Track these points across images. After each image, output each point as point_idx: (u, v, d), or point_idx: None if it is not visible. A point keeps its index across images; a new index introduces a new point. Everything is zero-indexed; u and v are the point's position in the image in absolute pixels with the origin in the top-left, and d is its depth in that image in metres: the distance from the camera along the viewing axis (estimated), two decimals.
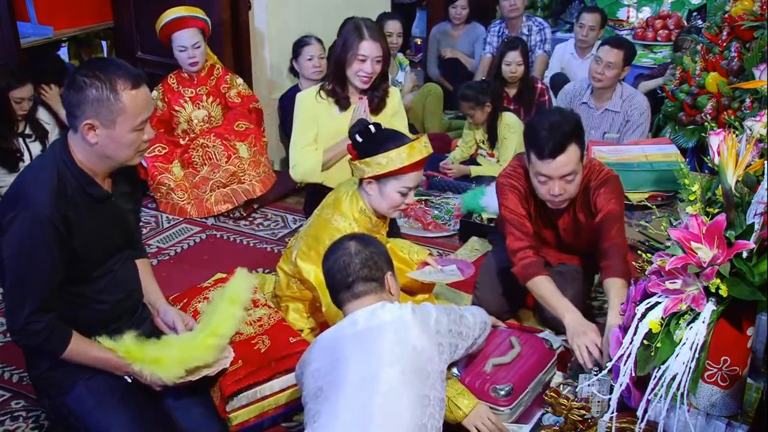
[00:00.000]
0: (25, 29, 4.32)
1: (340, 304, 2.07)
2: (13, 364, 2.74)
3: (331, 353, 1.95)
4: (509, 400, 2.23)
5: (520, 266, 2.63)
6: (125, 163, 2.09)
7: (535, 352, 2.41)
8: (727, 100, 4.03)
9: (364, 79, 3.01)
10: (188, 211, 3.97)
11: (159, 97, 4.11)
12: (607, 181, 2.66)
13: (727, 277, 1.64)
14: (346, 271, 2.02)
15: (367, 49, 2.96)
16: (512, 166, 2.79)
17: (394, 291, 2.10)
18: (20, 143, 3.79)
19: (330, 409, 1.86)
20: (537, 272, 2.60)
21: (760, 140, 1.92)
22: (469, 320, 2.19)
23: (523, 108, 4.61)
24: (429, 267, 2.75)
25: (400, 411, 1.84)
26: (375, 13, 4.87)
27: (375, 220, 2.61)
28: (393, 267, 2.13)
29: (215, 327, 2.23)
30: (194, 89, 4.13)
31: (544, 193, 2.59)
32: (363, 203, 2.58)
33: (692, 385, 1.71)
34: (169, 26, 3.97)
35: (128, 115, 1.98)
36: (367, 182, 2.52)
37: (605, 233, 2.59)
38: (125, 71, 1.99)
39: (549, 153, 2.48)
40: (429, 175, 4.34)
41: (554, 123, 2.50)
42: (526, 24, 5.35)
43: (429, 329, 1.98)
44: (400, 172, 2.46)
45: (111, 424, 2.09)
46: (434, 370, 1.95)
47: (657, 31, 5.65)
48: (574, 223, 2.77)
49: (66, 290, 2.07)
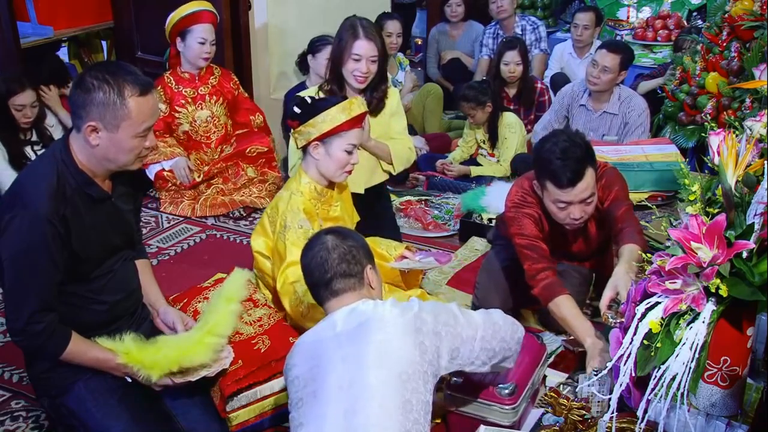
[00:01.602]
0: (25, 29, 4.32)
1: (321, 301, 2.03)
2: (13, 364, 2.74)
3: (311, 359, 1.90)
4: (513, 399, 2.22)
5: (541, 287, 2.58)
6: (124, 168, 2.10)
7: (530, 348, 2.41)
8: (727, 100, 4.03)
9: (360, 79, 3.00)
10: (195, 210, 3.97)
11: (160, 98, 4.02)
12: (605, 173, 2.68)
13: (727, 277, 1.64)
14: (324, 267, 1.98)
15: (361, 48, 2.96)
16: (521, 193, 2.72)
17: (375, 285, 2.04)
18: (28, 151, 3.74)
19: (313, 421, 1.81)
20: (558, 292, 2.56)
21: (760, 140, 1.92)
22: (476, 320, 1.98)
23: (523, 108, 4.62)
24: (407, 259, 2.83)
25: (381, 420, 1.76)
26: (375, 13, 4.88)
27: (321, 189, 2.68)
28: (373, 260, 2.08)
29: (212, 326, 2.23)
30: (195, 89, 4.07)
31: (563, 217, 2.58)
32: (308, 177, 2.66)
33: (692, 385, 1.71)
34: (190, 18, 3.89)
35: (132, 121, 1.98)
36: (314, 147, 2.61)
37: (614, 215, 2.60)
38: (135, 77, 1.99)
39: (568, 182, 2.47)
40: (429, 175, 4.35)
41: (567, 150, 2.47)
42: (519, 24, 5.35)
43: (409, 328, 1.86)
44: (342, 128, 2.58)
45: (111, 424, 2.09)
46: (415, 372, 1.82)
47: (657, 31, 5.65)
48: (586, 236, 2.79)
49: (65, 291, 2.07)
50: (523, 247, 2.65)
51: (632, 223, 2.56)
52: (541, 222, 2.71)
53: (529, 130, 4.48)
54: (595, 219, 2.72)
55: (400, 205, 4.00)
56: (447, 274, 3.32)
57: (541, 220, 2.70)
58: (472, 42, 5.59)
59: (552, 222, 2.69)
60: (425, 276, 3.24)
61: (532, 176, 2.65)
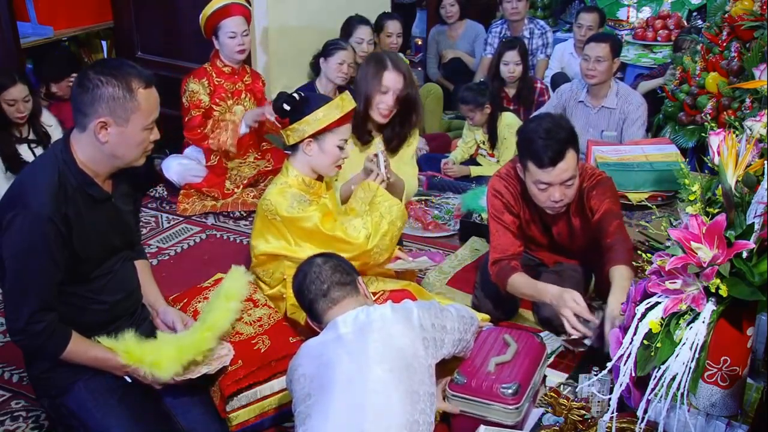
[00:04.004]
0: (25, 29, 4.32)
1: (320, 315, 2.09)
2: (13, 364, 2.74)
3: (317, 358, 1.97)
4: (517, 399, 2.22)
5: (495, 276, 2.67)
6: (131, 164, 2.11)
7: (531, 347, 2.41)
8: (727, 100, 4.02)
9: (384, 113, 2.95)
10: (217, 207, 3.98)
11: (204, 90, 3.92)
12: (599, 183, 2.66)
13: (727, 277, 1.64)
14: (319, 279, 2.09)
15: (390, 80, 2.91)
16: (505, 170, 2.77)
17: (368, 294, 2.19)
18: (26, 149, 3.69)
19: (320, 411, 1.87)
20: (509, 273, 2.62)
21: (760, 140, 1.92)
22: (452, 313, 2.17)
23: (523, 108, 4.62)
24: (400, 260, 2.86)
25: (391, 409, 1.85)
26: (375, 13, 4.88)
27: (309, 181, 2.68)
28: (359, 274, 2.21)
29: (211, 323, 2.24)
30: (234, 83, 4.00)
31: (543, 200, 2.58)
32: (296, 170, 2.66)
33: (692, 385, 1.71)
34: (218, 14, 3.84)
35: (142, 113, 2.01)
36: (307, 144, 2.61)
37: (605, 230, 2.59)
38: (138, 71, 2.03)
39: (549, 161, 2.47)
40: (429, 175, 4.35)
41: (549, 130, 2.49)
42: (528, 27, 5.34)
43: (412, 325, 2.00)
44: (335, 125, 2.59)
45: (110, 424, 2.09)
46: (421, 365, 1.96)
47: (657, 31, 5.65)
48: (569, 227, 2.77)
49: (65, 291, 2.07)
50: (492, 231, 2.72)
51: (622, 242, 2.54)
52: (519, 205, 2.73)
53: None
54: (579, 216, 2.71)
55: None
56: (447, 274, 3.32)
57: (519, 203, 2.72)
58: (471, 42, 5.59)
59: (532, 206, 2.70)
60: (426, 276, 3.24)
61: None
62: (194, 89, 3.90)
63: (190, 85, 3.91)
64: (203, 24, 3.91)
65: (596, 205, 2.63)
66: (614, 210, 2.62)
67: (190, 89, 3.91)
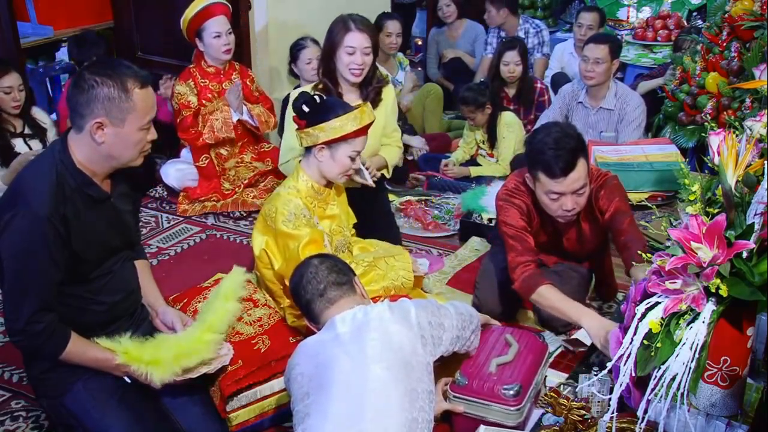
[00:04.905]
0: (25, 29, 4.33)
1: (318, 315, 2.09)
2: (13, 364, 2.74)
3: (315, 357, 1.97)
4: (518, 400, 2.22)
5: (520, 281, 2.58)
6: (128, 164, 2.11)
7: (533, 347, 2.40)
8: (727, 100, 4.03)
9: (356, 72, 2.99)
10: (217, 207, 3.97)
11: (191, 91, 3.93)
12: (606, 183, 2.66)
13: (727, 277, 1.64)
14: (315, 279, 2.09)
15: (354, 39, 2.94)
16: (513, 183, 2.74)
17: (365, 294, 2.18)
18: (21, 143, 3.70)
19: (319, 410, 1.87)
20: (539, 282, 2.54)
21: (760, 140, 1.91)
22: (450, 311, 2.16)
23: (522, 108, 4.62)
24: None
25: (389, 407, 1.85)
26: (375, 13, 4.87)
27: (318, 188, 2.68)
28: (356, 274, 2.22)
29: (210, 323, 2.24)
30: (219, 83, 4.00)
31: (555, 209, 2.57)
32: (306, 175, 2.66)
33: (692, 385, 1.71)
34: (200, 15, 3.84)
35: (138, 113, 2.01)
36: (319, 149, 2.59)
37: (618, 229, 2.58)
38: (134, 71, 2.03)
39: (561, 172, 2.46)
40: (429, 175, 4.35)
41: (559, 140, 2.47)
42: (522, 27, 5.34)
43: (410, 323, 2.01)
44: (351, 136, 2.57)
45: (110, 424, 2.09)
46: (419, 363, 1.96)
47: (657, 31, 5.65)
48: (579, 233, 2.77)
49: (64, 291, 2.07)
50: (509, 237, 2.67)
51: (637, 239, 2.52)
52: (530, 214, 2.70)
53: (529, 130, 4.47)
54: (589, 219, 2.71)
55: (400, 205, 4.00)
56: (447, 274, 3.32)
57: (530, 213, 2.70)
58: (472, 42, 5.59)
59: (543, 215, 2.68)
60: (425, 276, 3.24)
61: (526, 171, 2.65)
62: (181, 91, 3.92)
63: (177, 87, 3.94)
64: (185, 27, 3.90)
65: (605, 206, 2.62)
66: (624, 209, 2.62)
67: (177, 91, 3.93)
